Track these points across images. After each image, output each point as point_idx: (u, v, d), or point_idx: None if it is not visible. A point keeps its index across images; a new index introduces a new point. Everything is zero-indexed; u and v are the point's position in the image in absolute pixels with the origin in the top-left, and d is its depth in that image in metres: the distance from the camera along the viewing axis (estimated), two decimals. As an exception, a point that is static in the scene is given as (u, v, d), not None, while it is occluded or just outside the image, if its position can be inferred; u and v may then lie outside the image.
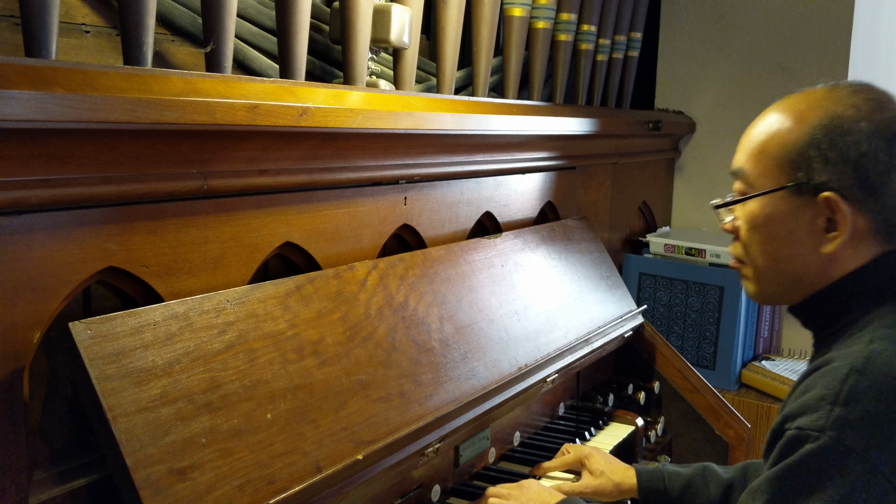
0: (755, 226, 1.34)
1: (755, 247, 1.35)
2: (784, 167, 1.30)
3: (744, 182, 1.36)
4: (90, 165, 1.13)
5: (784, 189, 1.30)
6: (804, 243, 1.30)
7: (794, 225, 1.30)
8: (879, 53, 3.14)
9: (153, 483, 1.07)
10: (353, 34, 1.68)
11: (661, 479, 1.73)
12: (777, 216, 1.31)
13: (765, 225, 1.33)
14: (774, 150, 1.31)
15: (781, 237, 1.31)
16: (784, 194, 1.30)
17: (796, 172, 1.28)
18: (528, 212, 2.31)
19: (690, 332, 2.84)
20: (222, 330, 1.27)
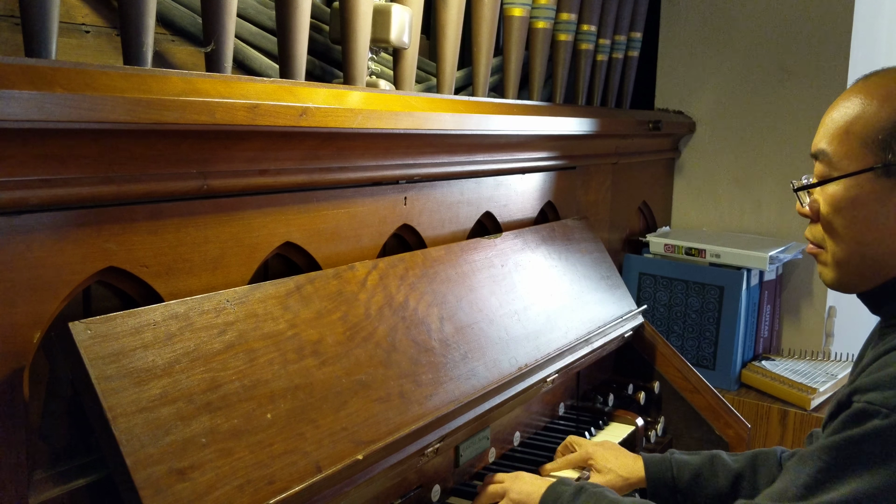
0: (838, 209, 1.30)
1: (837, 231, 1.32)
2: (870, 148, 1.26)
3: (826, 164, 1.33)
4: (90, 165, 1.13)
5: (871, 171, 1.26)
6: (889, 227, 1.27)
7: (880, 208, 1.26)
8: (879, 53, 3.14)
9: (153, 483, 1.07)
10: (353, 34, 1.68)
11: (670, 469, 1.71)
12: (862, 199, 1.27)
13: (849, 208, 1.29)
14: (860, 130, 1.28)
15: (866, 220, 1.28)
16: (870, 176, 1.26)
17: (881, 154, 1.25)
18: (528, 212, 2.31)
19: (690, 332, 2.84)
20: (222, 330, 1.27)
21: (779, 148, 3.00)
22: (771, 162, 3.03)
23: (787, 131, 2.97)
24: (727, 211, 3.14)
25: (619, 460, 1.80)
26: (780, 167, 3.01)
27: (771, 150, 3.02)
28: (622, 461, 1.80)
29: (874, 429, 1.13)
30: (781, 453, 1.68)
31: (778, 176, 3.01)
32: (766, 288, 2.89)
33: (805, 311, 3.01)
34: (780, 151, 3.00)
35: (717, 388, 2.49)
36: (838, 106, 1.33)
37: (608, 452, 1.84)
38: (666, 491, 1.71)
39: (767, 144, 3.03)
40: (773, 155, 3.02)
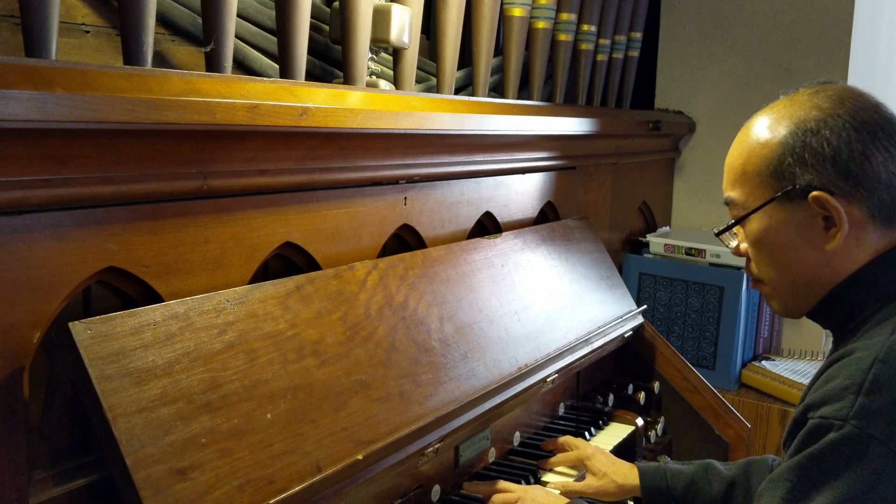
0: (758, 242, 1.37)
1: (764, 262, 1.38)
2: (768, 181, 1.33)
3: (736, 208, 1.40)
4: (90, 165, 1.13)
5: (774, 200, 1.33)
6: (809, 246, 1.32)
7: (795, 231, 1.32)
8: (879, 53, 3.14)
9: (153, 483, 1.07)
10: (353, 34, 1.68)
11: (664, 478, 1.73)
12: (776, 227, 1.34)
13: (767, 238, 1.35)
14: (754, 168, 1.35)
15: (786, 246, 1.34)
16: (775, 205, 1.33)
17: (780, 182, 1.32)
18: (528, 212, 2.31)
19: (690, 332, 2.84)
20: (222, 330, 1.27)
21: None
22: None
23: (787, 131, 2.97)
24: (727, 211, 3.14)
25: (615, 466, 1.82)
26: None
27: (771, 150, 3.02)
28: (617, 467, 1.81)
29: (831, 442, 1.15)
30: (773, 462, 1.69)
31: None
32: (766, 288, 2.89)
33: (805, 311, 3.01)
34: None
35: (717, 388, 2.49)
36: (731, 152, 1.41)
37: (605, 457, 1.86)
38: (661, 499, 1.72)
39: (767, 144, 3.02)
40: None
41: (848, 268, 1.31)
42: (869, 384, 1.16)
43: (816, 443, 1.16)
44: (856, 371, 1.18)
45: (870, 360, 1.18)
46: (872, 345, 1.21)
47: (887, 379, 1.16)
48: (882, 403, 1.14)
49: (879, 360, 1.18)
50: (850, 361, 1.21)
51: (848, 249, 1.30)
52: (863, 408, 1.14)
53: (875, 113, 1.29)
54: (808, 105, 1.31)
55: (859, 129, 1.27)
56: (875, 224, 1.29)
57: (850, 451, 1.13)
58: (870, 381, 1.16)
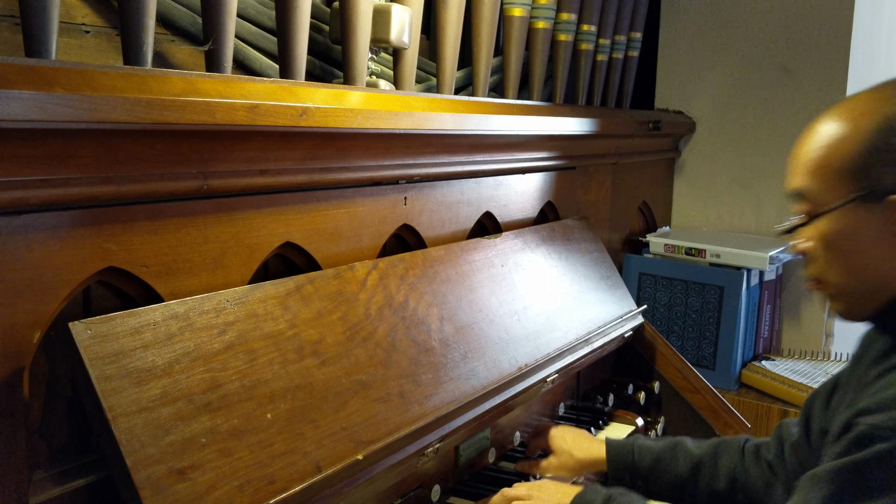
0: (830, 244, 1.30)
1: (833, 265, 1.31)
2: (848, 178, 1.26)
3: (807, 201, 1.33)
4: (90, 165, 1.13)
5: (853, 201, 1.26)
6: (880, 251, 1.26)
7: (870, 235, 1.26)
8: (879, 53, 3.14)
9: (153, 483, 1.07)
10: (353, 34, 1.68)
11: (631, 453, 1.72)
12: (850, 229, 1.27)
13: (840, 241, 1.29)
14: (835, 162, 1.27)
15: (859, 249, 1.28)
16: (853, 206, 1.26)
17: (862, 182, 1.25)
18: (528, 212, 2.31)
19: (690, 332, 2.84)
20: (222, 330, 1.27)
21: (779, 148, 3.00)
22: (771, 162, 3.03)
23: (788, 131, 2.97)
24: (727, 211, 3.14)
25: (576, 441, 1.81)
26: (780, 167, 3.00)
27: (771, 150, 3.02)
28: (578, 442, 1.80)
29: (878, 453, 1.12)
30: (745, 442, 1.68)
31: (778, 176, 3.01)
32: (766, 288, 2.89)
33: (805, 311, 3.02)
34: (780, 151, 3.00)
35: (717, 388, 2.49)
36: (807, 140, 1.33)
37: (567, 434, 1.85)
38: (627, 474, 1.71)
39: (767, 144, 3.03)
40: (773, 155, 3.02)
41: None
42: None
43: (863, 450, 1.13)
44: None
45: None
46: None
47: None
48: None
49: None
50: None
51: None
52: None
53: None
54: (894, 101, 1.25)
55: None
56: None
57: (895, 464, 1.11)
58: None
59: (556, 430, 1.88)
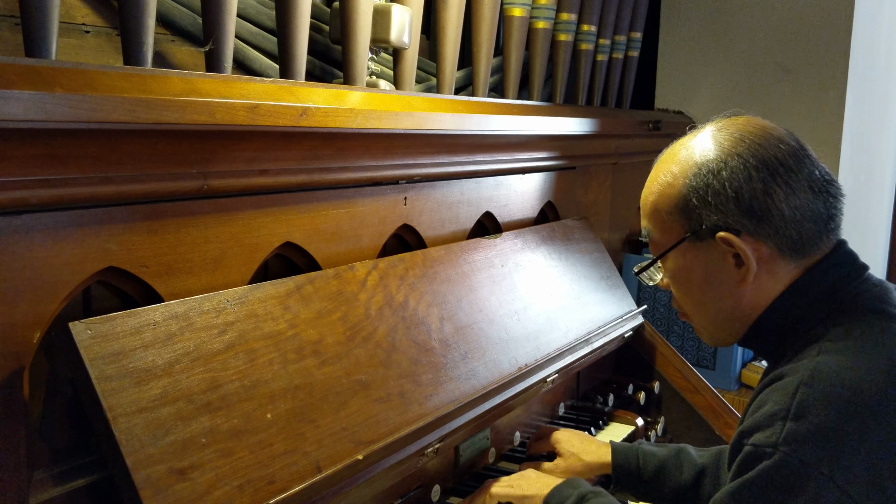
0: (675, 279, 1.40)
1: (685, 298, 1.41)
2: (677, 220, 1.35)
3: (652, 242, 1.42)
4: (90, 165, 1.13)
5: (685, 240, 1.34)
6: (724, 283, 1.33)
7: (708, 269, 1.34)
8: (879, 53, 3.14)
9: (153, 483, 1.07)
10: (353, 34, 1.68)
11: (636, 458, 1.73)
12: (690, 265, 1.36)
13: (684, 276, 1.38)
14: (664, 206, 1.37)
15: (702, 283, 1.36)
16: (687, 245, 1.35)
17: (688, 222, 1.33)
18: (528, 212, 2.31)
19: (690, 332, 2.84)
20: (222, 330, 1.27)
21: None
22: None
23: (787, 131, 2.97)
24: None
25: (583, 445, 1.82)
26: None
27: (771, 150, 3.02)
28: (586, 446, 1.81)
29: (765, 469, 1.15)
30: None
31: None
32: (766, 288, 2.89)
33: (805, 311, 3.01)
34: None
35: (717, 388, 2.49)
36: (646, 185, 1.42)
37: (573, 437, 1.85)
38: (630, 480, 1.72)
39: (767, 144, 3.02)
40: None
41: (766, 299, 1.32)
42: (795, 409, 1.16)
43: (751, 470, 1.16)
44: (783, 396, 1.18)
45: (795, 385, 1.18)
46: (798, 368, 1.22)
47: (812, 402, 1.16)
48: (809, 427, 1.14)
49: (804, 383, 1.18)
50: (778, 387, 1.21)
51: (763, 283, 1.32)
52: (790, 433, 1.14)
53: (777, 148, 1.30)
54: (710, 144, 1.33)
55: (759, 168, 1.28)
56: (785, 258, 1.30)
57: (782, 478, 1.13)
58: (796, 405, 1.16)
59: (562, 433, 1.88)
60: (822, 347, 1.23)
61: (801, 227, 1.28)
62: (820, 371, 1.19)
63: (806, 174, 1.29)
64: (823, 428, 1.14)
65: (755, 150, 1.30)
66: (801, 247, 1.30)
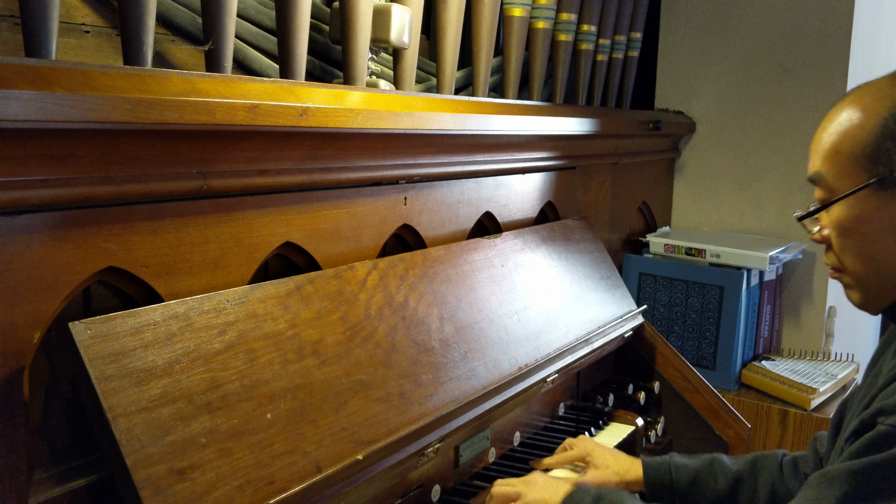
0: (845, 230, 1.29)
1: (850, 252, 1.30)
2: (862, 164, 1.25)
3: (823, 187, 1.32)
4: (90, 165, 1.13)
5: (867, 187, 1.24)
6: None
7: (887, 221, 1.25)
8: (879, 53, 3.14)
9: (153, 483, 1.07)
10: (353, 34, 1.68)
11: (668, 472, 1.71)
12: (865, 216, 1.26)
13: (855, 227, 1.27)
14: (849, 148, 1.26)
15: (875, 237, 1.26)
16: (868, 192, 1.25)
17: (876, 167, 1.24)
18: (528, 212, 2.31)
19: (690, 332, 2.84)
20: (222, 330, 1.27)
21: (779, 148, 3.00)
22: (771, 162, 3.03)
23: (788, 131, 2.98)
24: (727, 211, 3.14)
25: (617, 459, 1.80)
26: (780, 167, 3.00)
27: (771, 150, 3.02)
28: (620, 460, 1.80)
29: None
30: (783, 457, 1.66)
31: (778, 176, 3.01)
32: (766, 288, 2.89)
33: (805, 311, 3.01)
34: (780, 151, 3.00)
35: (717, 388, 2.49)
36: (825, 126, 1.32)
37: (606, 451, 1.84)
38: (665, 493, 1.71)
39: (767, 144, 3.03)
40: (773, 155, 3.02)
41: None
42: None
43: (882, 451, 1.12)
44: None
45: None
46: None
47: None
48: None
49: None
50: None
51: None
52: None
53: None
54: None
55: None
56: None
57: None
58: None
59: (591, 443, 1.86)
60: None
61: None
62: None
63: None
64: None
65: None
66: None
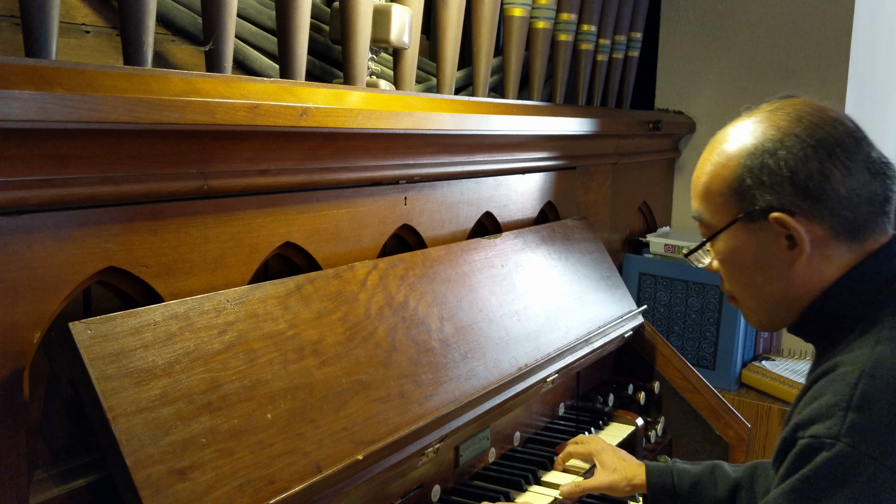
0: (726, 261, 1.38)
1: (735, 281, 1.38)
2: (730, 201, 1.33)
3: (703, 224, 1.41)
4: (90, 165, 1.13)
5: (737, 221, 1.33)
6: (775, 265, 1.32)
7: (760, 251, 1.32)
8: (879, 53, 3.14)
9: (153, 483, 1.07)
10: (353, 34, 1.68)
11: (670, 476, 1.73)
12: (741, 247, 1.34)
13: (734, 258, 1.36)
14: (717, 187, 1.35)
15: (753, 265, 1.34)
16: (739, 226, 1.33)
17: (742, 203, 1.31)
18: (528, 212, 2.31)
19: (690, 332, 2.84)
20: (222, 330, 1.27)
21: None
22: (771, 162, 3.02)
23: (787, 131, 2.97)
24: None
25: (625, 462, 1.82)
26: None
27: (771, 150, 3.02)
28: (627, 464, 1.82)
29: (824, 461, 1.13)
30: None
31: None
32: (766, 288, 2.89)
33: (805, 311, 3.01)
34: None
35: (717, 388, 2.49)
36: (700, 165, 1.41)
37: (615, 453, 1.86)
38: (666, 497, 1.73)
39: (767, 144, 3.02)
40: (773, 155, 3.01)
41: (819, 284, 1.30)
42: (858, 400, 1.14)
43: (809, 463, 1.14)
44: (843, 386, 1.16)
45: (856, 375, 1.16)
46: (857, 358, 1.19)
47: (876, 393, 1.14)
48: (872, 419, 1.12)
49: (866, 374, 1.16)
50: (837, 377, 1.19)
51: (815, 266, 1.29)
52: (853, 424, 1.12)
53: (834, 128, 1.27)
54: (766, 124, 1.32)
55: (816, 148, 1.26)
56: (839, 240, 1.28)
57: (843, 469, 1.11)
58: (858, 396, 1.14)
59: (598, 442, 1.89)
60: (881, 337, 1.21)
61: (857, 209, 1.26)
62: (881, 361, 1.17)
63: (864, 155, 1.27)
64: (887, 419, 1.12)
65: (812, 130, 1.27)
66: (856, 230, 1.27)
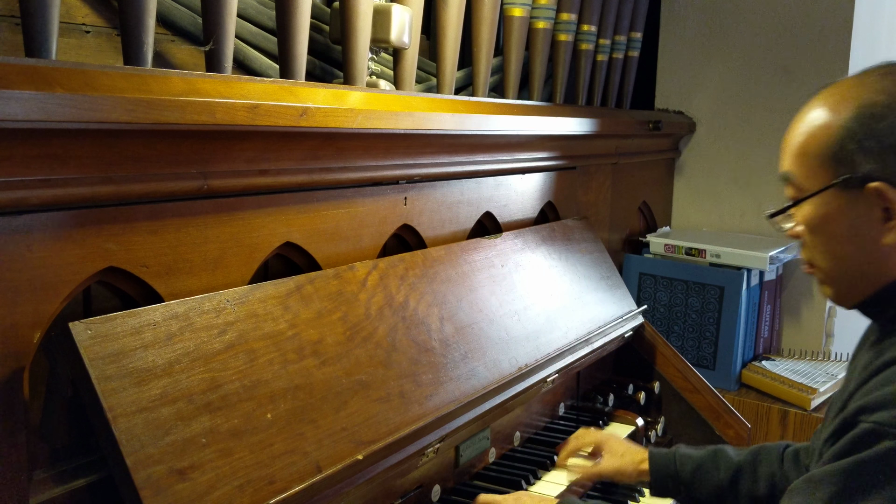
0: (814, 228, 1.31)
1: (818, 250, 1.32)
2: (827, 165, 1.27)
3: (793, 186, 1.34)
4: (90, 165, 1.13)
5: (832, 187, 1.27)
6: (865, 237, 1.26)
7: (852, 221, 1.26)
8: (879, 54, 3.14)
9: (153, 483, 1.07)
10: (353, 34, 1.68)
11: (673, 462, 1.73)
12: (832, 215, 1.28)
13: (823, 226, 1.30)
14: (814, 149, 1.29)
15: (842, 235, 1.28)
16: (833, 192, 1.27)
17: (840, 168, 1.25)
18: (528, 212, 2.31)
19: (690, 332, 2.84)
20: (222, 330, 1.27)
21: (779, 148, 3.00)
22: (771, 162, 3.02)
23: (788, 131, 2.97)
24: (727, 211, 3.14)
25: (630, 448, 1.83)
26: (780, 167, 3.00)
27: (771, 149, 3.02)
28: (633, 450, 1.82)
29: (885, 451, 1.11)
30: (784, 449, 1.67)
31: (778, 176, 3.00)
32: (766, 288, 2.89)
33: (805, 311, 3.01)
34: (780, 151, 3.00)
35: (717, 388, 2.49)
36: (794, 125, 1.35)
37: (619, 440, 1.87)
38: (669, 482, 1.72)
39: (768, 144, 3.03)
40: (773, 155, 2.99)
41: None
42: None
43: (868, 449, 1.12)
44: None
45: None
46: None
47: None
48: None
49: None
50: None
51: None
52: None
53: None
54: (876, 88, 1.25)
55: None
56: None
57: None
58: None
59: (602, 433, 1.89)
60: None
61: None
62: None
63: None
64: None
65: None
66: None
